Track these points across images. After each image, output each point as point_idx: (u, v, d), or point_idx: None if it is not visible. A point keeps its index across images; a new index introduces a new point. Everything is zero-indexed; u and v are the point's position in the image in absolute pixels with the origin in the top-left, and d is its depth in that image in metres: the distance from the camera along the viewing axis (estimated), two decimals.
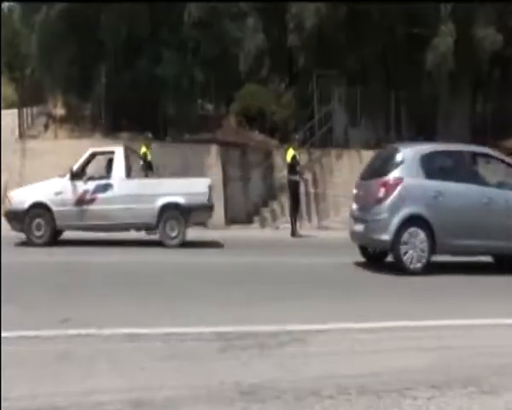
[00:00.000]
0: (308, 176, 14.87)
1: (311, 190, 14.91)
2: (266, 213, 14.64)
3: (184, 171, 14.19)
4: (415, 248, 6.69)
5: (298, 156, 12.26)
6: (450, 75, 14.69)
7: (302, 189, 14.84)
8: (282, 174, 15.04)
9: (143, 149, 12.56)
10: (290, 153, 12.21)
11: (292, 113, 16.60)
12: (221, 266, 7.51)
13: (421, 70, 14.74)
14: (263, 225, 14.33)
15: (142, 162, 12.08)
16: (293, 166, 12.05)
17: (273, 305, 5.12)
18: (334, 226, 14.42)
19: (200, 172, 14.27)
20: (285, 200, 14.51)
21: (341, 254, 8.63)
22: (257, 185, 15.07)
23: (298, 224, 12.37)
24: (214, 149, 14.69)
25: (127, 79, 14.17)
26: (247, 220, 14.58)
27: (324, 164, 15.16)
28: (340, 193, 14.51)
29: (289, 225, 12.46)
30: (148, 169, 12.28)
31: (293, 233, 12.01)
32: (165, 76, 14.09)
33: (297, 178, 12.09)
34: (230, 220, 14.33)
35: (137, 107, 14.37)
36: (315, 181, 15.04)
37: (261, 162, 15.20)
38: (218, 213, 14.14)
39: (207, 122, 15.96)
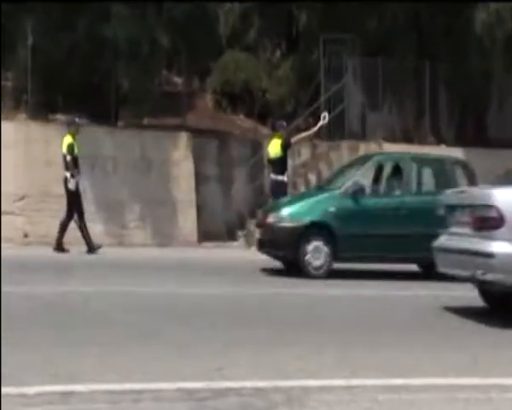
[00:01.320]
0: (311, 177, 15.08)
1: None
2: (253, 226, 14.52)
3: (142, 167, 14.18)
4: None
5: (285, 149, 12.20)
6: (508, 42, 14.76)
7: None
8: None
9: (68, 140, 12.01)
10: (276, 144, 12.16)
11: (290, 91, 16.63)
12: (189, 299, 7.53)
13: (468, 35, 14.81)
14: (249, 242, 14.24)
15: (67, 159, 11.64)
16: (279, 162, 12.02)
17: (259, 352, 5.08)
18: None
19: (163, 170, 14.30)
20: None
21: (353, 284, 8.86)
22: (242, 189, 15.07)
23: None
24: (184, 138, 14.71)
25: (63, 42, 14.15)
26: (228, 236, 14.64)
27: (334, 161, 15.15)
28: None
29: None
30: (74, 168, 11.93)
31: None
32: (116, 39, 14.04)
33: (285, 178, 12.09)
34: (204, 236, 14.37)
35: (78, 80, 14.41)
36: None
37: (248, 158, 15.19)
38: (188, 225, 14.31)
39: (175, 102, 15.92)
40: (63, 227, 11.84)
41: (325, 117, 12.45)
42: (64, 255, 11.44)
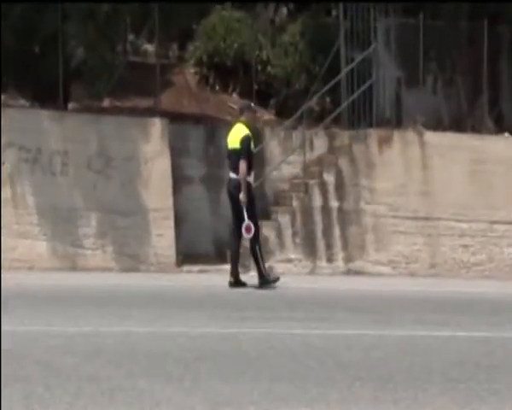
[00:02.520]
0: (328, 177, 14.86)
1: (333, 202, 14.91)
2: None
3: (101, 164, 14.04)
4: None
5: (252, 139, 11.96)
6: None
7: (317, 201, 14.70)
8: (279, 173, 14.87)
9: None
10: (239, 132, 12.02)
11: (300, 62, 16.60)
12: (167, 345, 7.39)
13: None
14: (244, 265, 13.99)
15: None
16: (242, 157, 11.79)
17: None
18: (376, 271, 14.46)
19: (129, 169, 14.18)
20: (285, 220, 14.50)
21: (383, 321, 8.65)
22: None
23: (264, 263, 12.11)
24: (157, 125, 14.63)
25: None
26: (216, 257, 14.56)
27: (358, 156, 15.14)
28: (387, 209, 14.61)
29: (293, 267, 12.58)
30: None
31: (262, 277, 11.89)
32: None
33: (251, 178, 11.93)
34: (186, 257, 14.34)
35: (13, 48, 14.37)
36: (340, 187, 15.03)
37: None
38: (163, 243, 14.19)
39: (145, 77, 15.90)
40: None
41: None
42: None
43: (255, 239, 11.87)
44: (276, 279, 11.92)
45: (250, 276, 13.81)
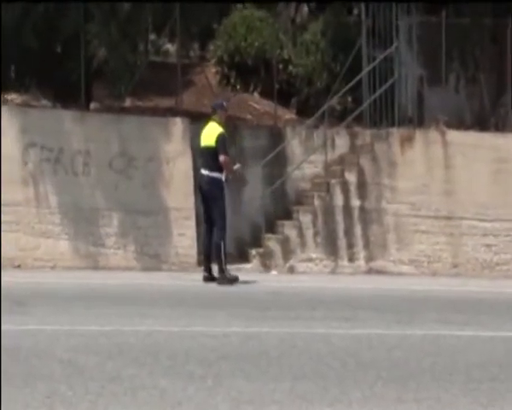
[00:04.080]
0: (349, 176, 14.87)
1: (355, 202, 14.91)
2: (273, 242, 14.62)
3: (123, 164, 14.07)
4: None
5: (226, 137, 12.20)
6: None
7: (339, 200, 14.67)
8: (300, 172, 14.86)
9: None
10: (214, 130, 12.12)
11: (321, 61, 16.55)
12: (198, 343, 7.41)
13: None
14: (265, 264, 14.28)
15: None
16: (214, 155, 12.01)
17: None
18: (398, 270, 14.44)
19: (150, 169, 14.20)
20: (307, 219, 14.49)
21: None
22: (256, 192, 14.99)
23: (226, 265, 12.14)
24: (178, 125, 14.62)
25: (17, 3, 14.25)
26: (239, 256, 14.53)
27: (380, 155, 15.09)
28: (409, 208, 14.56)
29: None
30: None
31: (222, 273, 11.92)
32: None
33: (222, 176, 12.10)
34: None
35: (36, 48, 14.45)
36: (362, 186, 14.99)
37: (264, 151, 15.07)
38: (185, 242, 14.20)
39: (166, 77, 15.95)
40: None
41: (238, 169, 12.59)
42: (16, 282, 11.33)
43: (221, 234, 12.01)
44: (235, 279, 11.95)
45: (273, 275, 13.88)
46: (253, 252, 14.57)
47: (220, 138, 12.00)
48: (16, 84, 15.07)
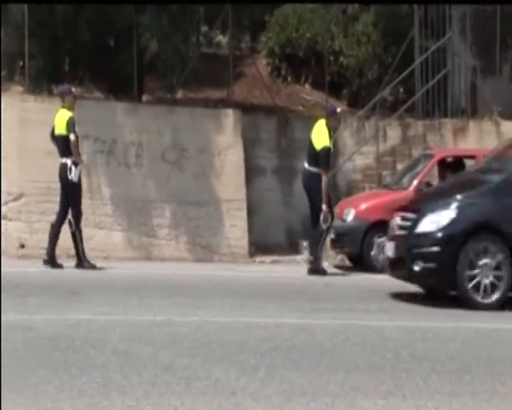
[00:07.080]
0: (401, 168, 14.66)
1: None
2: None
3: (175, 156, 14.11)
4: None
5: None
6: None
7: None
8: (352, 163, 14.78)
9: (66, 115, 11.61)
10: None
11: (372, 52, 16.56)
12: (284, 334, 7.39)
13: None
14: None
15: (71, 140, 11.30)
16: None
17: None
18: None
19: (202, 160, 14.25)
20: None
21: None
22: None
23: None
24: (230, 117, 14.67)
25: None
26: (289, 248, 14.56)
27: (433, 146, 14.96)
28: None
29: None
30: (78, 152, 11.65)
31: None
32: None
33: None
34: (258, 248, 14.35)
35: (89, 41, 14.52)
36: None
37: None
38: (236, 234, 14.22)
39: (218, 69, 16.01)
40: (55, 232, 11.79)
41: None
42: (70, 272, 11.42)
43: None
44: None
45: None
46: (305, 244, 14.54)
47: (323, 146, 12.12)
48: (70, 76, 15.11)
